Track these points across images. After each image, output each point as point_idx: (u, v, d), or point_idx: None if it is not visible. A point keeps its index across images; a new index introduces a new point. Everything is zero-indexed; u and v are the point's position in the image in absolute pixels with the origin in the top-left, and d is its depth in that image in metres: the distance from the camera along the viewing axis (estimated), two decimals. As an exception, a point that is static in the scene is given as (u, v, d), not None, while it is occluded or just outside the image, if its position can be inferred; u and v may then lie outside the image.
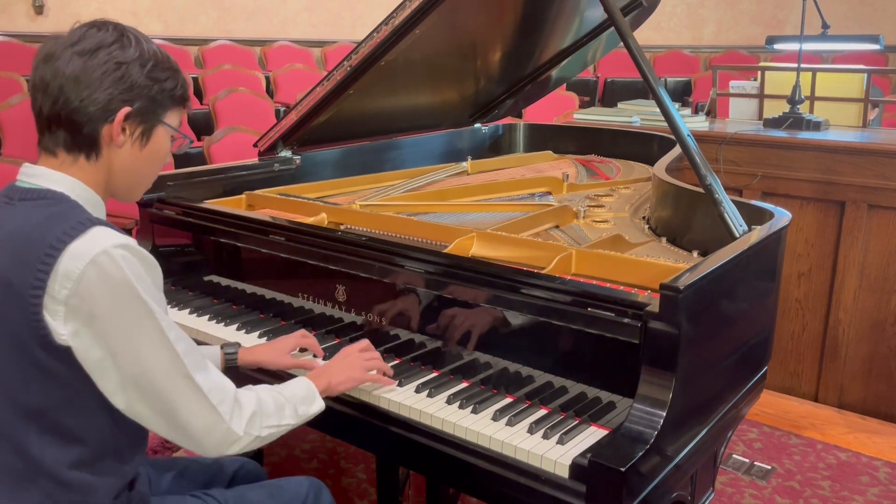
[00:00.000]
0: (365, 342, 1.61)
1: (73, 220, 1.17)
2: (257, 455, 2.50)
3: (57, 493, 1.21)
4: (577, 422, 1.44)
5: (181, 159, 4.38)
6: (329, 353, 1.73)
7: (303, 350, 1.73)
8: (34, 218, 1.18)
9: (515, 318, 1.53)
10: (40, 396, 1.18)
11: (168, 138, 1.33)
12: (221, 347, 1.66)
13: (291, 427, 1.39)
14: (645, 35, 4.28)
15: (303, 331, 1.75)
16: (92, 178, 1.26)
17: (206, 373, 1.25)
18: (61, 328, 1.14)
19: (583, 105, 6.37)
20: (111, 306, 1.15)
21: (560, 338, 1.49)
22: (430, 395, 1.55)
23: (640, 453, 1.27)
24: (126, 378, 1.18)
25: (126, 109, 1.23)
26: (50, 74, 1.20)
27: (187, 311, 1.99)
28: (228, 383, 1.29)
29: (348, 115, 2.32)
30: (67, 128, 1.22)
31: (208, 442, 1.26)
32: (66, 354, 1.16)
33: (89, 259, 1.13)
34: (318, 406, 1.45)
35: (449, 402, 1.53)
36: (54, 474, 1.20)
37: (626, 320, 1.39)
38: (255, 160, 2.40)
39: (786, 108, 3.33)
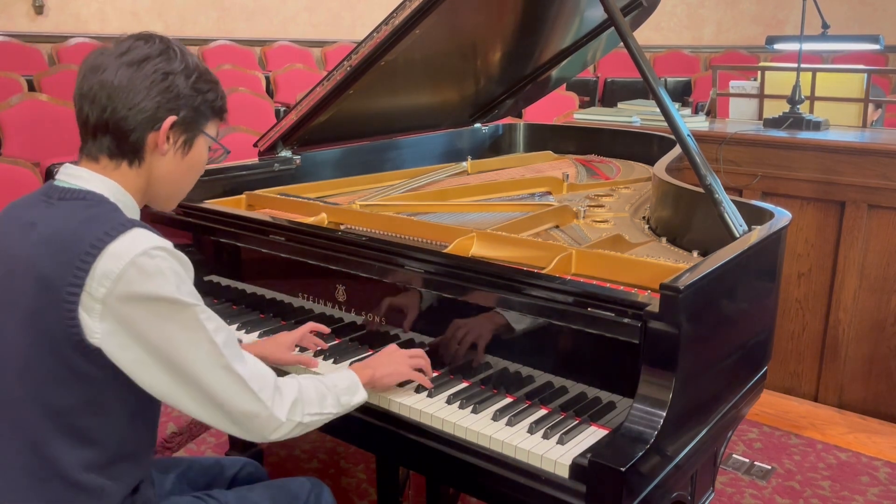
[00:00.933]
0: (418, 350, 1.62)
1: (113, 222, 1.21)
2: (258, 455, 2.51)
3: (68, 495, 1.22)
4: (577, 422, 1.45)
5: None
6: (337, 356, 1.73)
7: (304, 350, 1.73)
8: (74, 218, 1.22)
9: (515, 318, 1.53)
10: (65, 396, 1.20)
11: (206, 148, 1.37)
12: None
13: (334, 416, 1.42)
14: (645, 35, 4.28)
15: (311, 324, 1.76)
16: (132, 184, 1.30)
17: (245, 363, 1.28)
18: (96, 326, 1.17)
19: (583, 105, 6.37)
20: (150, 305, 1.18)
21: (560, 338, 1.49)
22: (430, 396, 1.55)
23: (640, 453, 1.27)
24: (166, 371, 1.21)
25: (172, 118, 1.28)
26: (98, 84, 1.25)
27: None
28: (269, 372, 1.32)
29: (348, 115, 2.32)
30: (114, 135, 1.26)
31: (252, 428, 1.29)
32: (96, 355, 1.19)
33: (129, 259, 1.17)
34: (362, 396, 1.47)
35: (449, 402, 1.53)
36: (68, 475, 1.21)
37: (626, 320, 1.39)
38: (255, 160, 2.40)
39: (786, 108, 3.33)
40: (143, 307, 1.17)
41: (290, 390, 1.33)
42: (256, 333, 1.85)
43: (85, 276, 1.15)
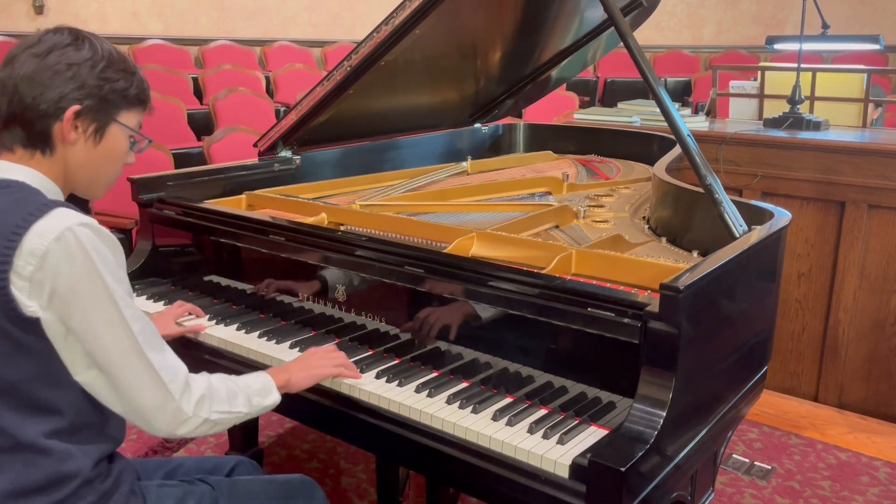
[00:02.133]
0: (331, 346, 1.67)
1: (37, 203, 1.23)
2: (257, 456, 2.51)
3: (36, 460, 1.24)
4: (577, 422, 1.44)
5: (181, 159, 4.39)
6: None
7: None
8: None
9: (515, 319, 1.53)
10: (13, 371, 1.22)
11: (125, 138, 1.37)
12: None
13: (245, 416, 1.43)
14: (645, 35, 4.28)
15: (179, 301, 1.91)
16: (49, 172, 1.32)
17: (161, 353, 1.30)
18: (28, 302, 1.19)
19: (583, 105, 6.37)
20: (72, 282, 1.20)
21: (560, 338, 1.49)
22: (430, 395, 1.55)
23: (640, 453, 1.27)
24: (84, 353, 1.24)
25: (75, 107, 1.28)
26: (7, 75, 1.28)
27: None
28: (181, 365, 1.34)
29: (348, 115, 2.32)
30: (22, 124, 1.28)
31: (159, 419, 1.29)
32: (35, 325, 1.20)
33: (54, 236, 1.19)
34: (274, 399, 1.48)
35: (449, 402, 1.53)
36: (31, 443, 1.23)
37: (626, 320, 1.39)
38: (255, 160, 2.40)
39: (786, 108, 3.33)
40: (66, 284, 1.19)
41: (199, 386, 1.34)
42: (256, 333, 1.85)
43: (12, 255, 1.18)
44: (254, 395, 1.44)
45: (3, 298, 1.18)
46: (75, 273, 1.20)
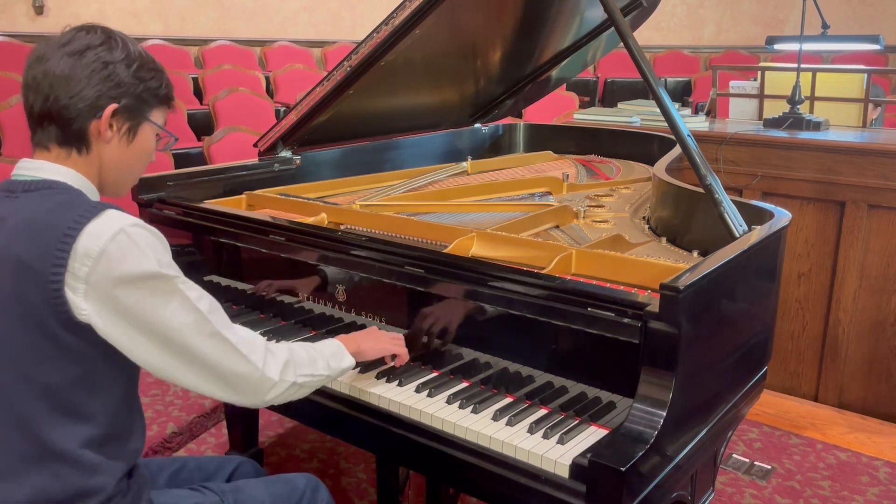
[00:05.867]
0: (396, 334, 1.68)
1: (86, 205, 1.23)
2: (257, 455, 2.51)
3: (64, 471, 1.23)
4: (577, 422, 1.45)
5: (181, 159, 4.39)
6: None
7: None
8: (44, 205, 1.24)
9: (515, 319, 1.53)
10: (56, 374, 1.22)
11: (153, 136, 1.39)
12: None
13: (326, 379, 1.47)
14: (645, 35, 4.29)
15: None
16: (85, 171, 1.32)
17: (233, 328, 1.32)
18: (83, 304, 1.19)
19: (583, 105, 6.37)
20: (133, 280, 1.20)
21: (560, 338, 1.49)
22: (430, 395, 1.55)
23: (641, 453, 1.27)
24: (157, 345, 1.24)
25: (113, 106, 1.29)
26: (41, 74, 1.28)
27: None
28: (256, 336, 1.37)
29: (348, 115, 2.32)
30: (58, 123, 1.28)
31: (247, 390, 1.33)
32: (86, 331, 1.21)
33: (108, 237, 1.19)
34: (349, 362, 1.52)
35: (449, 401, 1.53)
36: (64, 452, 1.23)
37: (626, 320, 1.39)
38: (255, 160, 2.40)
39: (786, 108, 3.33)
40: (126, 284, 1.20)
41: (281, 352, 1.38)
42: (256, 333, 1.85)
43: (66, 257, 1.18)
44: (330, 359, 1.47)
45: (56, 301, 1.18)
46: (133, 271, 1.20)
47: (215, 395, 1.33)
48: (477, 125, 3.15)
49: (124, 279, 1.20)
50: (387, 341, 1.62)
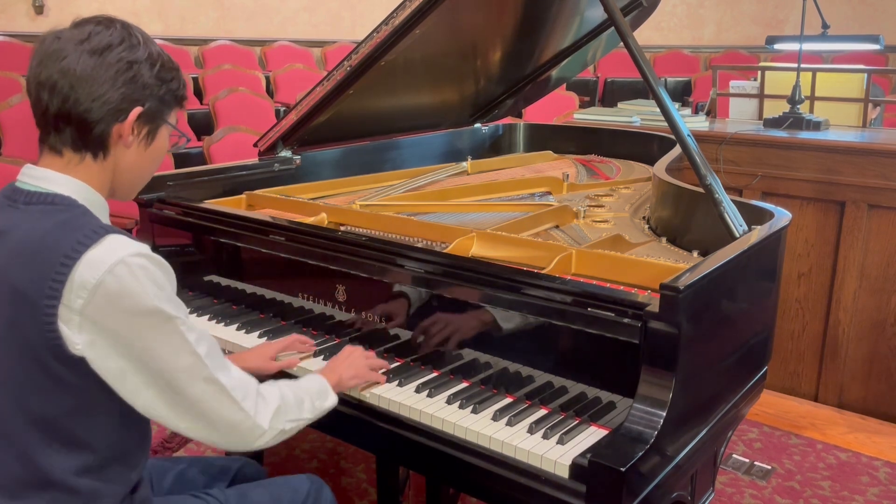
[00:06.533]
0: (360, 348, 1.65)
1: (86, 229, 1.16)
2: (258, 455, 2.50)
3: (62, 499, 1.20)
4: (577, 422, 1.45)
5: (181, 159, 4.39)
6: (328, 353, 1.73)
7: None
8: (44, 224, 1.17)
9: (515, 319, 1.53)
10: (51, 406, 1.17)
11: (168, 137, 1.33)
12: None
13: (309, 421, 1.42)
14: (645, 35, 4.28)
15: (295, 335, 1.76)
16: (97, 179, 1.25)
17: (228, 371, 1.27)
18: (76, 337, 1.13)
19: (583, 105, 6.37)
20: (130, 316, 1.14)
21: (560, 338, 1.49)
22: (430, 395, 1.55)
23: (640, 453, 1.27)
24: (148, 382, 1.18)
25: (139, 109, 1.23)
26: (58, 73, 1.18)
27: (188, 310, 1.99)
28: (251, 380, 1.32)
29: (348, 115, 2.32)
30: (77, 126, 1.20)
31: (236, 437, 1.28)
32: (79, 364, 1.15)
33: (106, 268, 1.12)
34: (332, 400, 1.48)
35: (449, 402, 1.53)
36: (60, 481, 1.19)
37: (626, 320, 1.38)
38: (255, 160, 2.40)
39: (786, 108, 3.33)
40: (122, 318, 1.14)
41: (272, 397, 1.33)
42: (256, 333, 1.85)
43: (61, 288, 1.11)
44: (315, 399, 1.44)
45: (49, 334, 1.12)
46: (132, 306, 1.13)
47: (200, 439, 1.28)
48: (477, 125, 3.15)
49: (121, 313, 1.13)
50: (363, 369, 1.58)
